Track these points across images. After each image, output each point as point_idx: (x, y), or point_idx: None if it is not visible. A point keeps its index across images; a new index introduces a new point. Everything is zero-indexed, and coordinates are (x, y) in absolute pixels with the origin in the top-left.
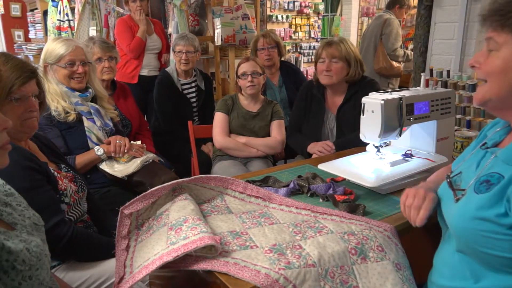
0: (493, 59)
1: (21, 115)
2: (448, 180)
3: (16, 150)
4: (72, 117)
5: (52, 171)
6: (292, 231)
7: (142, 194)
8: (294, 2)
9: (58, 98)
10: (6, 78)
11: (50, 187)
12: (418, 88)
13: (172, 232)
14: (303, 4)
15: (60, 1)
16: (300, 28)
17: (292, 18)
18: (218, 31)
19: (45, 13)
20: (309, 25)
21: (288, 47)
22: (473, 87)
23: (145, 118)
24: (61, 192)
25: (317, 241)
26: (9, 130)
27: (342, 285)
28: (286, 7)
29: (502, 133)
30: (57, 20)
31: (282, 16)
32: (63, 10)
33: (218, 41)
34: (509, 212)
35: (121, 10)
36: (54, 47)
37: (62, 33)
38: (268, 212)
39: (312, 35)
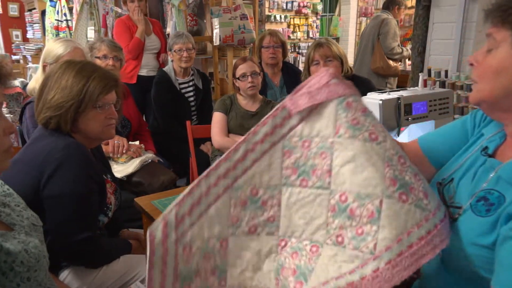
0: (489, 59)
1: (102, 122)
2: (440, 190)
3: (88, 156)
4: None
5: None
6: None
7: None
8: (292, 2)
9: None
10: (93, 88)
11: (98, 199)
12: (416, 88)
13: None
14: (301, 4)
15: (58, 1)
16: (299, 28)
17: (290, 18)
18: (216, 31)
19: (43, 13)
20: (308, 25)
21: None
22: (471, 87)
23: (144, 118)
24: (107, 205)
25: None
26: (90, 135)
27: None
28: (285, 7)
29: (501, 134)
30: (55, 20)
31: (280, 16)
32: (61, 10)
33: (216, 41)
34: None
35: (119, 10)
36: (53, 47)
37: (60, 33)
38: None
39: (311, 35)
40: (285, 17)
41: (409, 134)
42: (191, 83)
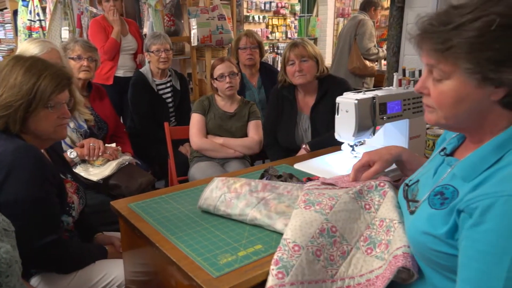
0: (444, 89)
1: (54, 122)
2: (404, 188)
3: (40, 158)
4: None
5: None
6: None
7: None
8: (270, 2)
9: None
10: (44, 87)
11: (58, 200)
12: (391, 87)
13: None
14: (279, 5)
15: (30, 1)
16: (277, 29)
17: (268, 19)
18: (194, 32)
19: (15, 12)
20: (286, 26)
21: (265, 48)
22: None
23: (121, 120)
24: (69, 205)
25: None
26: (40, 136)
27: None
28: (263, 7)
29: (459, 136)
30: (28, 20)
31: (258, 17)
32: (34, 9)
33: (194, 42)
34: (457, 224)
35: (94, 10)
36: (28, 47)
37: (33, 33)
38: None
39: (289, 36)
40: (264, 17)
41: (384, 133)
42: (168, 84)
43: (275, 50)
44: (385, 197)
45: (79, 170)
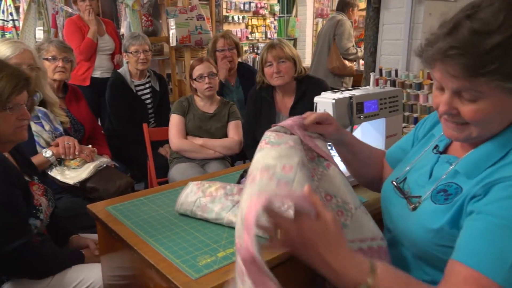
0: (479, 108)
1: (13, 124)
2: (396, 186)
3: (3, 161)
4: None
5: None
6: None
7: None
8: (250, 3)
9: None
10: (2, 89)
11: (24, 203)
12: (368, 87)
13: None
14: (259, 5)
15: (3, 0)
16: (257, 29)
17: (248, 19)
18: (172, 32)
19: None
20: (265, 26)
21: (245, 48)
22: (419, 86)
23: (99, 122)
24: (36, 207)
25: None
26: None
27: None
28: (242, 7)
29: None
30: (1, 19)
31: (238, 17)
32: (7, 9)
33: (173, 42)
34: (460, 220)
35: (69, 10)
36: (0, 48)
37: (6, 33)
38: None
39: (269, 36)
40: (243, 17)
41: (361, 132)
42: (147, 85)
43: (255, 51)
44: (329, 169)
45: (55, 173)
